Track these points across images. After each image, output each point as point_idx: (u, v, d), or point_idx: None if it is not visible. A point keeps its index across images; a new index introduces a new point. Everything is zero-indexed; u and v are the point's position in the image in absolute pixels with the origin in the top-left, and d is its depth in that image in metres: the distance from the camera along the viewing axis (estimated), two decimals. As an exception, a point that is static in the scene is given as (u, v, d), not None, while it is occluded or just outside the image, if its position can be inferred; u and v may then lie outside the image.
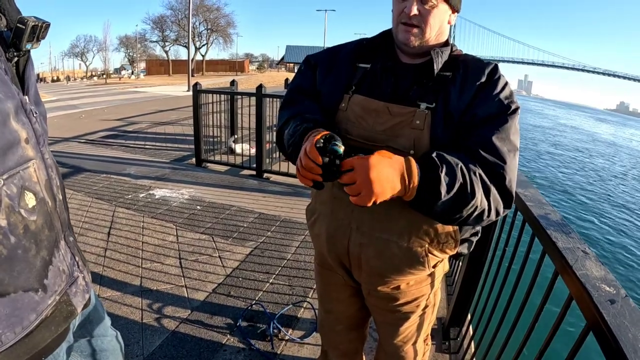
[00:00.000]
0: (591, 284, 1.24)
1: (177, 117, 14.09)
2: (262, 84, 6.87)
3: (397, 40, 1.54)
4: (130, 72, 74.05)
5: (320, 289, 1.98)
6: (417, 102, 1.46)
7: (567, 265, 1.37)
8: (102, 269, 3.61)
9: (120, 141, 9.49)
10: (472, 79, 1.47)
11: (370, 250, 1.56)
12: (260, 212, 5.24)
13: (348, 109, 1.54)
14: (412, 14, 1.42)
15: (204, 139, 7.57)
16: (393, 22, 1.53)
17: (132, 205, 5.18)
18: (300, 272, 3.82)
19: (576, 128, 65.32)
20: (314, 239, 1.81)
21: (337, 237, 1.61)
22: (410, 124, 1.44)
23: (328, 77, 1.61)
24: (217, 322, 3.04)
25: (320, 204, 1.67)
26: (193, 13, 50.64)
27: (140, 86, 38.55)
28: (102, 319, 1.52)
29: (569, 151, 33.04)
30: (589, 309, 1.20)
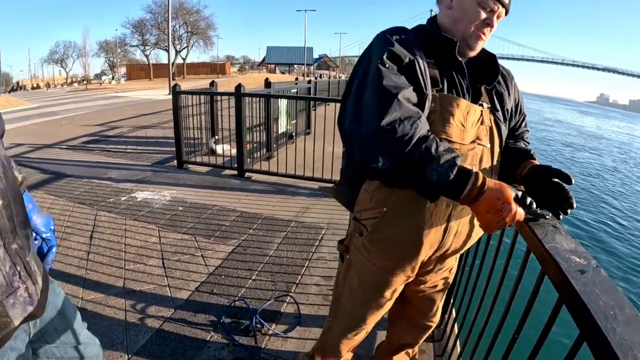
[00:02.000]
0: (560, 256, 1.26)
1: (159, 121, 14.05)
2: (240, 84, 6.90)
3: (463, 42, 1.62)
4: (110, 77, 73.43)
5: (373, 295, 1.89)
6: (481, 102, 1.65)
7: (537, 240, 1.39)
8: (85, 272, 3.61)
9: (101, 146, 9.45)
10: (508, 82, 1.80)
11: (463, 232, 1.71)
12: (242, 210, 5.26)
13: (441, 108, 1.55)
14: (493, 28, 1.60)
15: (185, 141, 7.58)
16: (463, 24, 1.60)
17: (114, 209, 5.17)
18: (283, 267, 3.84)
19: (562, 122, 65.93)
20: (393, 251, 1.72)
21: (434, 237, 1.65)
22: (483, 122, 1.62)
23: (424, 77, 1.54)
24: (200, 319, 3.05)
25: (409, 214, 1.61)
26: (172, 16, 50.32)
27: (121, 91, 38.34)
28: (69, 326, 1.53)
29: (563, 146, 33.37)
30: (559, 280, 1.21)
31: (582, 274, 1.16)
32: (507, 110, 1.75)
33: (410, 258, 1.70)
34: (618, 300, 1.06)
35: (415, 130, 1.36)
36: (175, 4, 62.53)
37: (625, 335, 0.93)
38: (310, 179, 6.46)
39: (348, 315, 2.01)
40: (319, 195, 6.01)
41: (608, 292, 1.08)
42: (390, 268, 1.76)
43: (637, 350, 0.88)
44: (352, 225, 1.84)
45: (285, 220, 5.00)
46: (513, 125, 1.87)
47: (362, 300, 1.92)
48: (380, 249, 1.73)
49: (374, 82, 1.45)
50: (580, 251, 1.30)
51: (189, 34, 69.96)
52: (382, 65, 1.47)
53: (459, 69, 1.63)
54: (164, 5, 57.30)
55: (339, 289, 2.03)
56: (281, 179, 6.71)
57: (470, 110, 1.58)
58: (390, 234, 1.66)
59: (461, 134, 1.55)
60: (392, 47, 1.50)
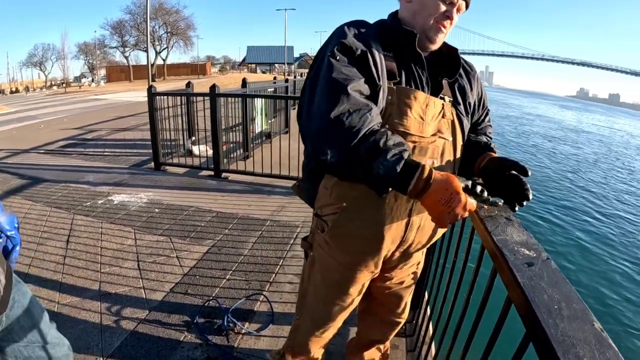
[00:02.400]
0: (508, 248, 1.24)
1: (137, 123, 13.95)
2: (215, 84, 6.91)
3: (423, 35, 1.63)
4: (90, 79, 72.13)
5: (337, 292, 1.90)
6: (442, 95, 1.66)
7: (487, 233, 1.38)
8: (61, 277, 3.62)
9: (79, 149, 9.39)
10: (471, 77, 1.81)
11: (426, 227, 1.73)
12: (218, 211, 5.29)
13: (398, 101, 1.56)
14: (453, 20, 1.61)
15: (162, 143, 7.57)
16: (422, 17, 1.61)
17: (91, 212, 5.17)
18: (257, 266, 3.89)
19: (542, 116, 66.18)
20: (354, 246, 1.73)
21: (395, 231, 1.66)
22: (444, 115, 1.64)
23: (378, 69, 1.53)
24: (174, 320, 3.08)
25: (369, 208, 1.62)
26: (152, 16, 49.92)
27: (100, 93, 37.91)
28: (36, 325, 1.57)
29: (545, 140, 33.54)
30: (505, 274, 1.18)
31: (530, 267, 1.13)
32: (469, 104, 1.77)
33: (372, 253, 1.71)
34: (566, 293, 1.03)
35: (363, 123, 1.37)
36: (155, 5, 61.94)
37: (568, 331, 0.89)
38: (286, 178, 6.48)
39: (314, 313, 2.03)
40: (294, 193, 5.97)
41: (556, 285, 1.06)
42: (353, 264, 1.77)
43: (580, 347, 0.84)
44: (315, 222, 1.86)
45: (261, 219, 5.04)
46: (476, 120, 1.89)
47: (327, 297, 1.93)
48: (341, 244, 1.75)
49: (324, 75, 1.47)
50: (532, 243, 1.29)
51: (169, 34, 69.34)
52: (332, 58, 1.48)
53: (419, 61, 1.63)
54: (143, 6, 56.25)
55: (303, 286, 2.04)
56: (258, 179, 6.74)
57: (429, 103, 1.59)
58: (350, 229, 1.67)
59: (420, 127, 1.56)
60: (344, 39, 1.51)
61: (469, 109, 1.77)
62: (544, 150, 28.43)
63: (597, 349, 0.84)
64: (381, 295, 2.15)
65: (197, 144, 8.33)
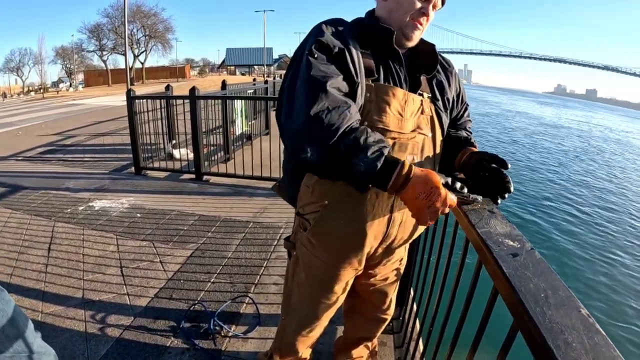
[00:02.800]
0: (493, 240, 1.25)
1: (116, 127, 13.85)
2: (194, 87, 6.90)
3: (400, 32, 1.65)
4: (68, 84, 71.23)
5: (322, 290, 1.92)
6: (420, 92, 1.68)
7: (471, 226, 1.39)
8: (44, 285, 3.59)
9: (58, 156, 9.29)
10: (449, 73, 1.83)
11: (408, 223, 1.75)
12: (201, 214, 5.28)
13: (376, 98, 1.57)
14: (429, 17, 1.62)
15: (142, 147, 7.52)
16: (398, 14, 1.63)
17: (72, 219, 5.12)
18: (242, 268, 3.89)
19: (522, 113, 66.93)
20: (338, 243, 1.74)
21: (378, 228, 1.68)
22: (423, 111, 1.66)
23: (355, 66, 1.54)
24: (160, 325, 3.07)
25: (351, 205, 1.63)
26: (130, 19, 49.64)
27: (78, 98, 37.52)
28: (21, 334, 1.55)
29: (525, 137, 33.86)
30: (491, 265, 1.19)
31: (514, 258, 1.15)
32: (447, 100, 1.79)
33: (355, 250, 1.73)
34: (551, 282, 1.04)
35: (342, 120, 1.38)
36: (133, 7, 61.39)
37: (556, 318, 0.91)
38: (268, 179, 6.49)
39: (299, 312, 2.03)
40: (277, 195, 5.96)
41: (541, 275, 1.07)
42: (336, 261, 1.79)
43: (568, 333, 0.86)
44: (297, 221, 1.87)
45: (244, 221, 5.04)
46: (455, 115, 1.92)
47: (312, 295, 1.94)
48: (324, 242, 1.76)
49: (303, 73, 1.47)
50: (515, 235, 1.30)
51: (147, 37, 68.60)
52: (310, 56, 1.49)
53: (396, 58, 1.65)
54: (120, 9, 55.68)
55: (288, 286, 2.05)
56: (239, 181, 6.74)
57: (408, 99, 1.60)
58: (333, 227, 1.68)
59: (399, 123, 1.57)
60: (322, 37, 1.52)
61: (447, 105, 1.80)
62: (525, 146, 28.83)
63: (585, 334, 0.86)
64: (366, 293, 2.17)
65: (177, 147, 8.31)
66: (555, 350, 0.82)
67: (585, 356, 0.80)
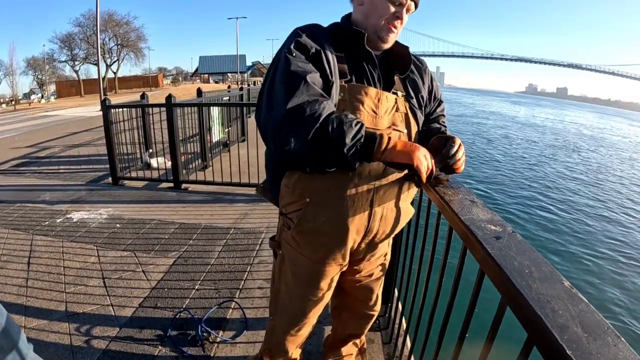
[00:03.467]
0: (476, 226, 1.33)
1: (91, 138, 13.72)
2: (171, 94, 6.88)
3: (375, 35, 1.72)
4: (40, 95, 69.73)
5: (309, 287, 1.95)
6: (394, 90, 1.76)
7: (454, 215, 1.46)
8: (25, 300, 3.54)
9: (33, 168, 9.18)
10: (422, 72, 1.92)
11: (389, 217, 1.81)
12: (181, 222, 5.27)
13: (350, 97, 1.64)
14: (403, 21, 1.69)
15: (119, 157, 7.46)
16: (374, 18, 1.69)
17: (50, 232, 5.06)
18: (225, 274, 3.89)
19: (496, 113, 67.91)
20: (321, 239, 1.79)
21: (359, 222, 1.73)
22: (398, 109, 1.73)
23: (330, 67, 1.62)
24: (146, 335, 3.05)
25: (332, 202, 1.69)
26: (102, 29, 49.02)
27: (51, 110, 36.98)
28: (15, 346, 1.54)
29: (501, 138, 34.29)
30: (476, 249, 1.26)
31: (498, 240, 1.23)
32: (421, 97, 1.87)
33: (338, 245, 1.78)
34: (534, 259, 1.11)
35: (323, 109, 1.45)
36: (104, 16, 60.49)
37: (541, 290, 0.97)
38: (247, 185, 6.52)
39: (288, 311, 2.06)
40: (256, 200, 6.05)
41: (524, 254, 1.14)
42: (321, 257, 1.84)
43: (554, 302, 0.92)
44: (281, 221, 1.92)
45: (225, 228, 5.05)
46: (429, 111, 2.01)
47: (299, 293, 1.98)
48: (308, 239, 1.81)
49: (283, 69, 1.53)
50: (496, 220, 1.38)
51: (119, 46, 67.51)
52: (289, 54, 1.55)
53: (370, 59, 1.73)
54: (92, 18, 54.62)
55: (275, 285, 2.08)
56: (218, 188, 6.76)
57: (381, 97, 1.68)
58: (315, 224, 1.73)
59: (374, 120, 1.65)
60: (300, 38, 1.59)
61: (421, 102, 1.88)
62: (502, 145, 29.23)
63: (570, 302, 0.92)
64: (352, 289, 2.21)
65: (154, 156, 8.28)
66: (544, 318, 0.87)
67: (572, 321, 0.86)
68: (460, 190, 1.69)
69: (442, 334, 1.69)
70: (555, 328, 0.84)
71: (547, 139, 36.81)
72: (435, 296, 1.86)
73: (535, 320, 0.89)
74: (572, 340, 0.81)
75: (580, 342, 0.80)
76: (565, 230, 11.84)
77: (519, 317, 0.99)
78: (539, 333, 0.89)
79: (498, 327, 1.19)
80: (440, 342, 1.71)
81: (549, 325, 0.85)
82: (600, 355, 0.78)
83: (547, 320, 0.86)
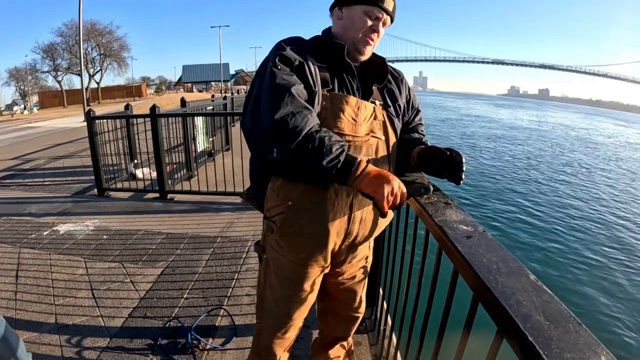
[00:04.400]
0: (448, 226, 1.40)
1: (75, 149, 13.63)
2: (155, 105, 6.90)
3: (353, 47, 1.84)
4: (22, 107, 68.66)
5: (292, 289, 2.01)
6: (372, 99, 1.85)
7: (429, 217, 1.54)
8: (15, 313, 3.55)
9: (17, 181, 9.11)
10: (399, 82, 2.02)
11: (368, 220, 1.89)
12: (168, 232, 5.31)
13: (331, 106, 1.73)
14: (379, 34, 1.81)
15: (104, 168, 7.46)
16: (352, 31, 1.81)
17: (37, 244, 5.07)
18: (213, 283, 3.95)
19: (480, 117, 68.32)
20: (303, 242, 1.85)
21: (339, 225, 1.80)
22: (376, 117, 1.82)
23: (313, 77, 1.71)
24: (137, 344, 3.09)
25: (313, 205, 1.76)
26: (84, 38, 48.54)
27: (34, 121, 36.54)
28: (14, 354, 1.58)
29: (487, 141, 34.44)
30: (448, 249, 1.34)
31: (469, 239, 1.30)
32: (399, 106, 1.98)
33: (319, 248, 1.84)
34: (502, 256, 1.18)
35: (305, 123, 1.53)
36: (87, 25, 59.76)
37: (507, 283, 1.04)
38: (232, 194, 6.56)
39: (274, 314, 2.11)
40: (242, 209, 6.11)
41: (493, 251, 1.21)
42: (303, 259, 1.90)
43: (519, 294, 0.98)
44: (265, 225, 1.98)
45: (212, 236, 5.10)
46: (407, 120, 2.10)
47: (284, 296, 2.04)
48: (290, 242, 1.88)
49: (268, 82, 1.61)
50: (469, 220, 1.46)
51: (102, 56, 66.74)
52: (274, 68, 1.63)
53: (349, 71, 1.83)
54: (75, 27, 54.00)
55: (261, 289, 2.14)
56: (204, 197, 6.80)
57: (360, 106, 1.77)
58: (297, 227, 1.80)
59: (353, 128, 1.74)
60: (284, 51, 1.68)
61: (399, 111, 1.99)
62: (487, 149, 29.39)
63: (534, 294, 0.99)
64: (337, 292, 2.29)
65: (139, 167, 8.27)
66: (508, 308, 0.94)
67: (535, 310, 0.93)
68: (436, 193, 1.76)
69: (423, 332, 1.76)
70: (518, 317, 0.91)
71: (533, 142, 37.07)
72: (416, 296, 1.93)
73: (501, 312, 0.96)
74: (535, 327, 0.88)
75: (542, 329, 0.87)
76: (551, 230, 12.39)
77: (489, 311, 1.05)
78: (504, 323, 0.96)
79: (472, 322, 1.26)
80: (422, 340, 1.77)
81: (513, 315, 0.92)
82: (560, 341, 0.84)
83: (511, 311, 0.93)
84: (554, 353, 0.82)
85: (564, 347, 0.83)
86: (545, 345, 0.83)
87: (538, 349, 0.83)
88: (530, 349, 0.84)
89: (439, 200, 1.68)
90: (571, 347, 0.83)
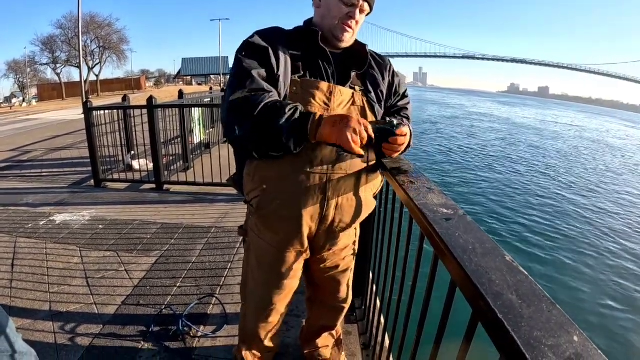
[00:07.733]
0: (429, 209, 1.39)
1: (73, 141, 13.63)
2: (152, 96, 6.92)
3: (331, 34, 1.87)
4: (21, 99, 68.15)
5: (271, 273, 2.06)
6: (351, 85, 1.89)
7: (410, 201, 1.53)
8: (10, 301, 3.59)
9: (15, 172, 9.12)
10: (383, 68, 2.03)
11: (345, 206, 1.90)
12: (163, 222, 5.34)
13: (302, 91, 1.78)
14: (357, 20, 1.83)
15: (101, 159, 7.47)
16: (329, 19, 1.84)
17: (34, 234, 5.10)
18: (206, 272, 3.98)
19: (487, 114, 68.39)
20: (278, 224, 1.90)
21: (312, 208, 1.82)
22: (354, 103, 1.86)
23: (279, 62, 1.77)
24: (130, 331, 3.12)
25: (285, 188, 1.80)
26: (83, 30, 48.22)
27: (32, 113, 36.39)
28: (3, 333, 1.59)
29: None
30: (428, 232, 1.32)
31: (448, 221, 1.29)
32: (381, 92, 2.00)
33: (294, 231, 1.88)
34: (479, 238, 1.16)
35: (263, 99, 1.62)
36: (86, 18, 59.19)
37: (481, 263, 1.02)
38: (227, 186, 6.50)
39: (255, 296, 2.19)
40: (237, 200, 6.14)
41: (470, 233, 1.20)
42: (279, 242, 1.96)
43: (492, 273, 0.97)
44: (248, 209, 2.05)
45: (206, 227, 5.14)
46: (390, 104, 2.13)
47: (263, 279, 2.11)
48: (267, 224, 1.94)
49: (234, 68, 1.75)
50: (450, 204, 1.44)
51: (101, 48, 65.94)
52: (239, 55, 1.74)
53: (324, 56, 1.86)
54: (74, 20, 53.40)
55: (244, 272, 2.24)
56: (200, 188, 6.83)
57: (334, 91, 1.81)
58: (272, 209, 1.85)
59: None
60: (251, 39, 1.77)
61: (381, 97, 2.01)
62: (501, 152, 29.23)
63: (509, 274, 0.98)
64: (322, 281, 2.32)
65: (136, 158, 8.27)
66: (480, 287, 0.93)
67: (507, 290, 0.92)
68: (420, 179, 1.75)
69: (407, 320, 1.78)
70: (490, 295, 0.90)
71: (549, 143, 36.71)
72: (400, 285, 1.96)
73: (473, 290, 0.95)
74: (506, 305, 0.87)
75: (513, 308, 0.86)
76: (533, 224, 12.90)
77: (464, 291, 1.04)
78: (476, 302, 0.95)
79: (450, 307, 1.26)
80: (405, 327, 1.80)
81: (484, 293, 0.91)
82: (531, 319, 0.83)
83: (482, 289, 0.92)
84: (523, 330, 0.81)
85: (534, 326, 0.82)
86: (514, 323, 0.82)
87: (507, 326, 0.82)
88: (500, 326, 0.84)
89: (423, 185, 1.67)
90: (542, 326, 0.82)
